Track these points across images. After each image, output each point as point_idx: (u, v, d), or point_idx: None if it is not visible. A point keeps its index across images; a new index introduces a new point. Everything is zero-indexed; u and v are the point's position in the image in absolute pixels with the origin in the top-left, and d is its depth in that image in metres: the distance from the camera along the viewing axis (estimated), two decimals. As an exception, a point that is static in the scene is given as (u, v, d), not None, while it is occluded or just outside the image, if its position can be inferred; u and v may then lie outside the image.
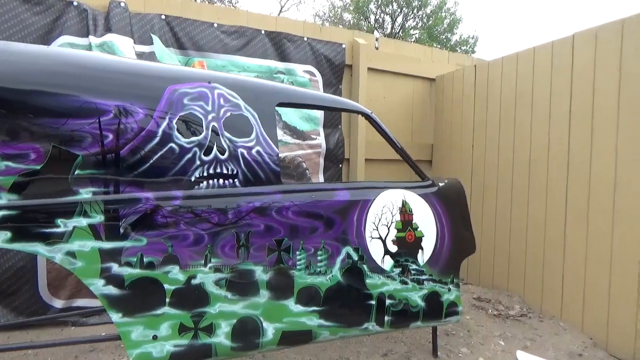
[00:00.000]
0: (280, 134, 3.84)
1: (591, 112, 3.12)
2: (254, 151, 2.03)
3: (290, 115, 3.89)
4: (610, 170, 2.97)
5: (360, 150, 4.20)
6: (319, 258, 2.13)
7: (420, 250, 2.41)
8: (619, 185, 2.92)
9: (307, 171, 3.89)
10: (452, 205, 2.53)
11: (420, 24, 17.06)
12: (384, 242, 2.31)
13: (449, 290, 2.45)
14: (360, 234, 2.23)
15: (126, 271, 1.76)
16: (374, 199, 2.29)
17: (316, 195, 2.15)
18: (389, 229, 2.33)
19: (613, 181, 2.96)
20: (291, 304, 2.04)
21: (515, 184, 3.73)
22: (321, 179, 4.06)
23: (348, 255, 2.19)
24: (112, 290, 1.74)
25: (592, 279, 3.00)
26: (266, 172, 2.06)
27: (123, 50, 3.07)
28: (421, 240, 2.42)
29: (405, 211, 2.39)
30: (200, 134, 1.92)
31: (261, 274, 2.01)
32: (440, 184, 2.57)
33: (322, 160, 4.08)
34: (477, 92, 4.22)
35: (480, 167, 4.14)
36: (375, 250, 2.27)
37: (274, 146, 2.08)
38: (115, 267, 1.75)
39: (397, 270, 2.32)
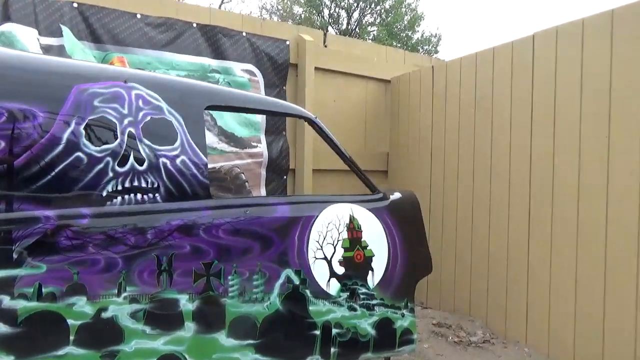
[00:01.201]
0: (215, 141, 3.83)
1: (553, 115, 3.25)
2: (178, 161, 2.02)
3: (227, 120, 3.92)
4: (574, 178, 3.10)
5: (308, 160, 4.28)
6: (254, 283, 2.12)
7: (370, 272, 2.44)
8: (583, 194, 3.05)
9: (246, 183, 3.84)
10: (405, 220, 2.58)
11: (378, 20, 17.34)
12: (329, 263, 2.33)
13: (403, 315, 2.49)
14: (302, 254, 2.24)
15: (20, 304, 1.68)
16: (318, 215, 2.31)
17: (251, 211, 2.14)
18: (335, 248, 2.35)
19: (577, 191, 3.09)
20: (222, 337, 2.02)
21: (477, 196, 3.85)
22: (263, 192, 4.10)
23: (288, 279, 2.20)
24: (2, 328, 1.65)
25: (558, 301, 3.10)
26: (193, 184, 2.05)
27: (25, 43, 2.95)
28: (371, 261, 2.45)
29: (354, 228, 2.42)
30: (114, 141, 1.89)
31: (186, 303, 1.98)
32: (392, 197, 2.62)
33: (263, 171, 4.12)
34: (436, 95, 4.34)
35: (439, 177, 4.26)
36: (320, 272, 2.29)
37: (202, 155, 2.08)
38: (6, 300, 1.66)
39: (345, 294, 2.34)
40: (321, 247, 2.32)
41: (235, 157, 3.90)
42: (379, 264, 2.47)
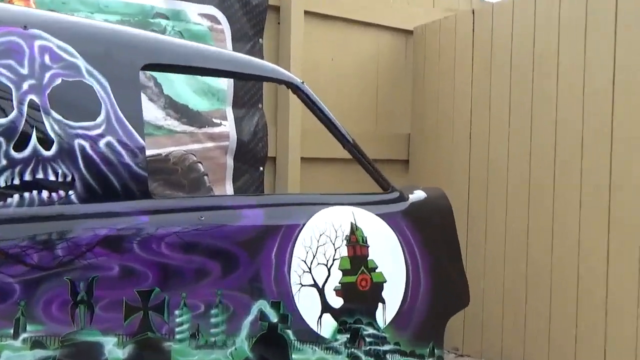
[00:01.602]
0: (161, 117, 3.83)
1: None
2: (102, 143, 2.04)
3: (177, 87, 3.93)
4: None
5: (293, 145, 4.27)
6: (213, 321, 2.15)
7: (380, 305, 2.50)
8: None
9: (205, 177, 3.82)
10: (432, 230, 2.66)
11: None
12: (321, 292, 2.38)
13: (428, 368, 2.56)
14: (282, 279, 2.29)
15: None
16: (306, 223, 2.37)
17: (209, 216, 2.17)
18: (329, 270, 2.40)
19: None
20: (166, 402, 2.04)
21: (536, 198, 3.85)
22: (229, 189, 4.10)
23: (262, 316, 2.24)
24: None
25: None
26: (124, 178, 2.08)
27: None
28: (381, 289, 2.51)
29: (357, 242, 2.47)
30: (8, 113, 1.89)
31: (114, 349, 1.99)
32: (413, 198, 2.68)
33: (230, 160, 4.13)
34: (477, 52, 4.33)
35: (482, 169, 4.26)
36: (308, 305, 2.33)
37: (137, 135, 2.11)
38: None
39: (343, 337, 2.39)
40: (309, 269, 2.36)
41: (189, 139, 3.89)
42: (393, 294, 2.52)
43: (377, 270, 2.51)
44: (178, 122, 3.92)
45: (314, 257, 2.38)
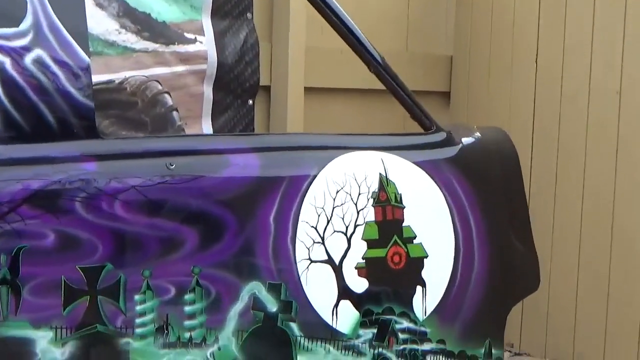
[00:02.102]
0: (114, 30, 3.75)
1: None
2: (28, 60, 2.00)
3: None
4: None
5: (295, 69, 4.27)
6: (188, 309, 2.14)
7: (419, 289, 2.49)
8: None
9: (174, 113, 3.84)
10: (491, 186, 2.67)
11: None
12: (338, 271, 2.36)
13: (483, 374, 2.58)
14: (284, 253, 2.27)
15: None
16: (317, 175, 2.34)
17: (181, 164, 2.15)
18: (349, 241, 2.38)
19: None
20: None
21: (624, 142, 3.94)
22: (207, 128, 4.11)
23: (256, 303, 2.23)
24: None
25: None
26: (60, 110, 2.05)
27: None
28: (421, 266, 2.49)
29: (388, 201, 2.44)
30: None
31: (49, 347, 1.96)
32: (466, 141, 2.67)
33: (208, 90, 4.09)
34: None
35: (552, 106, 4.25)
36: (320, 289, 2.32)
37: (79, 50, 2.08)
38: None
39: (368, 333, 2.38)
40: (322, 239, 2.34)
41: (153, 61, 3.83)
42: (438, 274, 2.52)
43: (415, 241, 2.48)
44: (137, 37, 3.84)
45: (328, 222, 2.34)
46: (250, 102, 4.27)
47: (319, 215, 2.34)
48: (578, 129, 4.15)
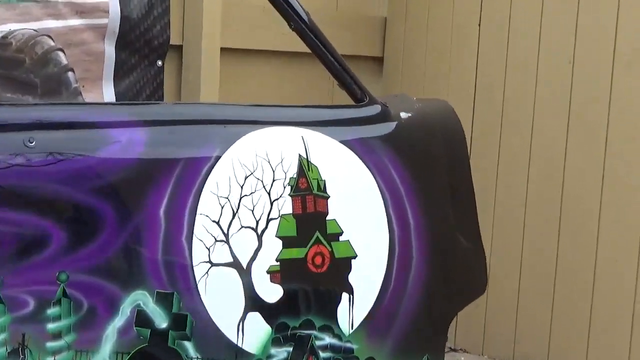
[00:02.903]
0: None
1: None
2: None
3: None
4: None
5: (211, 27, 4.13)
6: (51, 327, 1.92)
7: (345, 297, 2.30)
8: None
9: (69, 74, 3.49)
10: (433, 171, 2.53)
11: None
12: (245, 275, 2.14)
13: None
14: (177, 253, 2.06)
15: None
16: (220, 156, 2.14)
17: (44, 140, 1.92)
18: (260, 239, 2.17)
19: None
20: None
21: (580, 113, 3.92)
22: (108, 93, 3.94)
23: (141, 317, 2.01)
24: None
25: None
26: None
27: None
28: (348, 269, 2.30)
29: (308, 189, 2.25)
30: None
31: None
32: (404, 115, 2.52)
33: (110, 49, 3.91)
34: None
35: (497, 71, 4.17)
36: (222, 299, 2.12)
37: None
38: None
39: (282, 352, 2.20)
40: (226, 236, 2.12)
41: (42, 12, 3.63)
42: (368, 277, 2.33)
43: (341, 239, 2.27)
44: None
45: (233, 215, 2.12)
46: (159, 63, 4.11)
47: (222, 207, 2.12)
48: (526, 99, 4.11)
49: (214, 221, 2.10)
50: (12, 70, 3.39)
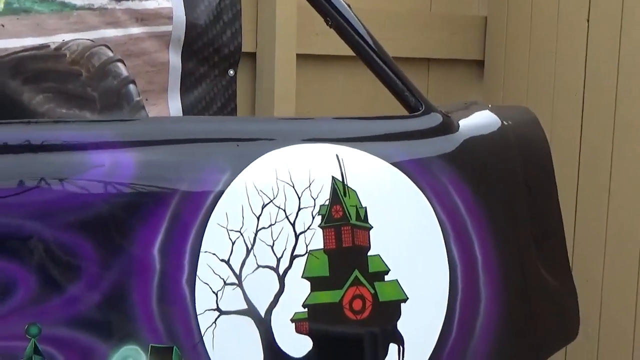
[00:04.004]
0: None
1: None
2: None
3: None
4: None
5: (285, 32, 3.92)
6: None
7: (393, 348, 2.08)
8: None
9: (131, 87, 3.18)
10: (508, 195, 2.35)
11: None
12: (263, 325, 1.94)
13: None
14: (176, 301, 1.85)
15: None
16: (232, 180, 1.93)
17: (6, 168, 1.77)
18: (282, 281, 1.96)
19: None
20: None
21: None
22: (174, 104, 3.79)
23: None
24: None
25: None
26: None
27: None
28: (397, 315, 2.08)
29: (344, 217, 2.03)
30: None
31: None
32: (469, 126, 2.32)
33: (175, 58, 3.74)
34: None
35: (610, 77, 3.95)
36: (234, 354, 1.92)
37: None
38: None
39: None
40: (238, 278, 1.91)
41: (100, 21, 3.43)
42: (424, 323, 2.13)
43: (387, 278, 2.05)
44: None
45: (248, 253, 1.90)
46: (231, 72, 3.92)
47: (233, 243, 1.89)
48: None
49: (222, 260, 1.86)
50: (66, 85, 3.23)
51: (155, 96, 3.68)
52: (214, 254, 1.85)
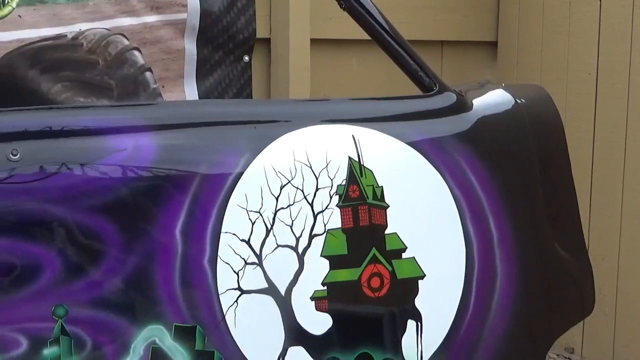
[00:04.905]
0: None
1: None
2: None
3: None
4: None
5: (299, 17, 3.98)
6: None
7: (412, 324, 2.10)
8: None
9: (147, 74, 3.42)
10: (522, 172, 2.34)
11: None
12: (284, 303, 1.97)
13: None
14: (198, 280, 1.89)
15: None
16: (250, 162, 1.95)
17: (31, 151, 1.76)
18: (301, 259, 1.98)
19: None
20: None
21: None
22: (190, 90, 3.85)
23: (157, 356, 1.87)
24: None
25: None
26: None
27: None
28: (414, 292, 2.10)
29: (360, 197, 2.05)
30: None
31: None
32: (482, 105, 2.31)
33: (191, 45, 3.79)
34: None
35: (623, 57, 3.91)
36: (255, 332, 1.96)
37: None
38: None
39: None
40: (259, 257, 1.94)
41: (115, 10, 3.54)
42: (441, 300, 2.14)
43: (405, 255, 2.05)
44: None
45: (267, 232, 1.93)
46: (246, 58, 3.98)
47: (253, 223, 1.92)
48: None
49: (243, 240, 1.90)
50: (84, 73, 3.31)
51: (172, 83, 3.70)
52: (234, 235, 1.88)
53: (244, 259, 1.90)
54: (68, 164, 1.79)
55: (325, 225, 1.98)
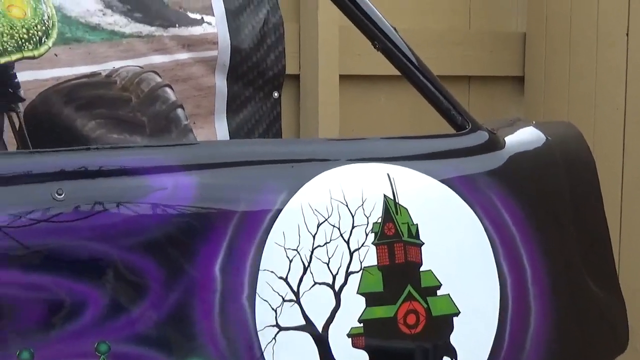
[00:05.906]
0: (94, 9, 3.51)
1: None
2: None
3: None
4: None
5: (328, 53, 4.00)
6: None
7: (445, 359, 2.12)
8: None
9: (179, 111, 3.45)
10: (555, 210, 2.35)
11: None
12: (321, 341, 1.97)
13: None
14: (237, 317, 1.89)
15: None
16: (288, 201, 1.97)
17: (75, 190, 1.78)
18: (338, 296, 1.99)
19: None
20: None
21: None
22: (221, 129, 3.82)
23: None
24: None
25: None
26: None
27: None
28: (449, 329, 2.10)
29: (396, 234, 2.06)
30: None
31: None
32: (515, 143, 2.34)
33: (221, 81, 3.76)
34: None
35: None
36: None
37: None
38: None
39: None
40: (296, 294, 1.95)
41: (148, 47, 3.51)
42: (476, 337, 2.14)
43: (440, 293, 2.07)
44: (127, 19, 3.56)
45: (305, 270, 1.94)
46: (276, 94, 3.94)
47: (290, 261, 1.93)
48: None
49: (280, 277, 1.90)
50: (117, 110, 3.33)
51: (203, 119, 3.72)
52: (272, 272, 1.88)
53: (281, 296, 1.90)
54: (110, 202, 1.80)
55: (361, 263, 1.98)
